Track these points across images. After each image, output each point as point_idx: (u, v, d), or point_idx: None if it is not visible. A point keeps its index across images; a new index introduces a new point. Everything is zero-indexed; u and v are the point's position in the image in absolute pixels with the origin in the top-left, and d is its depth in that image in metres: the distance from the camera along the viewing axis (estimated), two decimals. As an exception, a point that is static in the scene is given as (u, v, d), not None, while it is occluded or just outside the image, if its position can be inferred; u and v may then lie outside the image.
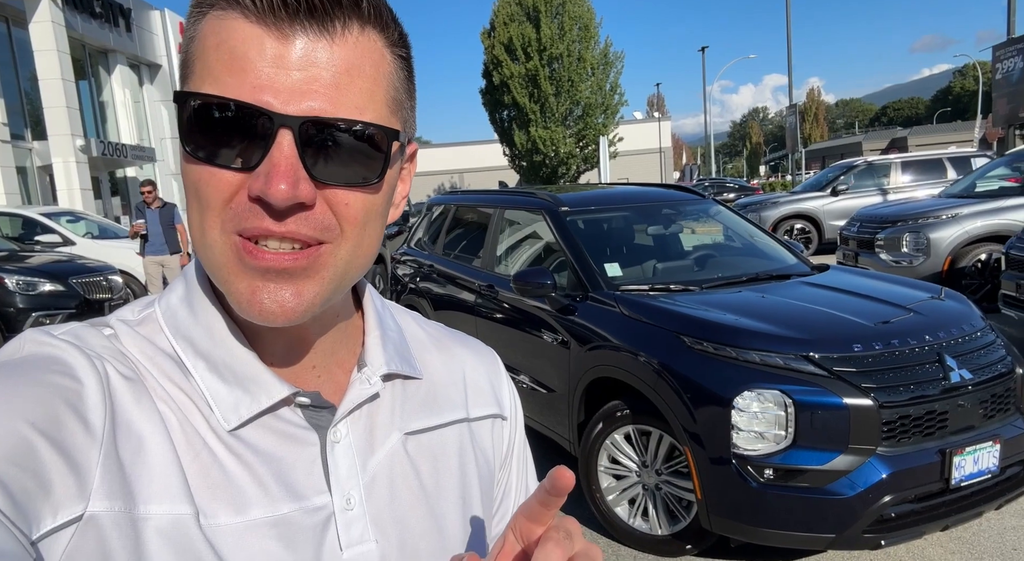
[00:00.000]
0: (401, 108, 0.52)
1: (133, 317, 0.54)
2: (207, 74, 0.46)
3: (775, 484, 2.51)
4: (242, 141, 0.46)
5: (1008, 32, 13.57)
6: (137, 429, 0.47)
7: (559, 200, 4.07)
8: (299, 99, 0.45)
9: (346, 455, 0.54)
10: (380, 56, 0.49)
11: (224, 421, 0.50)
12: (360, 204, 0.49)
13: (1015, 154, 8.18)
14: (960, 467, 2.53)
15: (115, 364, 0.49)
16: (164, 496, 0.46)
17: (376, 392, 0.57)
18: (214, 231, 0.47)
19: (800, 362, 2.59)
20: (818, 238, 11.74)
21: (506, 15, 28.94)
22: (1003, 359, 2.79)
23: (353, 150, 0.48)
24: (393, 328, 0.63)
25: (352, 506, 0.53)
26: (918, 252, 7.01)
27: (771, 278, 3.57)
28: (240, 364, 0.52)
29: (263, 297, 0.47)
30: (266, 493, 0.50)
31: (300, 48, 0.45)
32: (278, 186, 0.44)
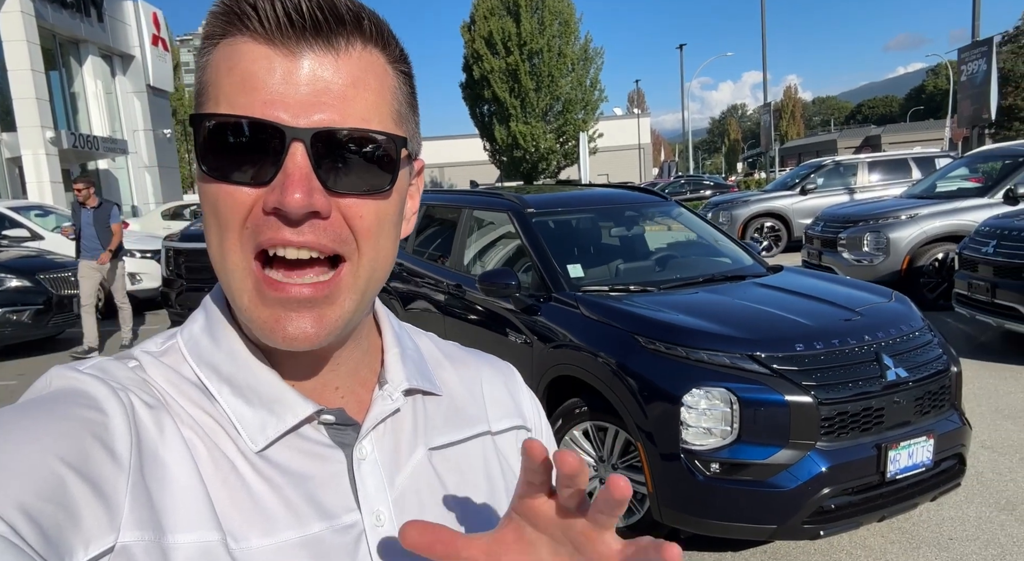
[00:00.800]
0: (405, 121, 0.54)
1: (156, 349, 0.56)
2: (220, 96, 0.48)
3: (721, 477, 2.63)
4: (256, 157, 0.47)
5: (973, 35, 13.91)
6: (163, 458, 0.47)
7: (525, 201, 4.15)
8: (309, 112, 0.47)
9: (373, 472, 0.55)
10: (383, 71, 0.51)
11: (251, 443, 0.51)
12: (373, 215, 0.50)
13: (974, 155, 8.42)
14: (895, 461, 2.67)
15: (140, 394, 0.50)
16: (191, 524, 0.46)
17: (398, 407, 0.58)
18: (234, 254, 0.48)
19: (745, 361, 2.71)
20: (787, 236, 11.97)
21: (486, 9, 28.91)
22: (939, 358, 2.93)
23: (364, 159, 0.49)
24: (411, 346, 0.64)
25: (382, 522, 0.54)
26: (878, 251, 7.22)
27: (726, 279, 3.69)
28: (264, 386, 0.53)
29: (286, 325, 0.48)
30: (295, 514, 0.51)
31: (307, 64, 0.47)
32: (293, 195, 0.45)
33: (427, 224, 5.21)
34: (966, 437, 2.93)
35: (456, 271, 4.42)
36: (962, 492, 3.36)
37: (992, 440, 3.96)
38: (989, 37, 13.50)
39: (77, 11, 18.29)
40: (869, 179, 11.87)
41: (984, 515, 3.17)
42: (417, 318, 4.73)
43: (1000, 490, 3.39)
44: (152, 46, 21.02)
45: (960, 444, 2.89)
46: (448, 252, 4.60)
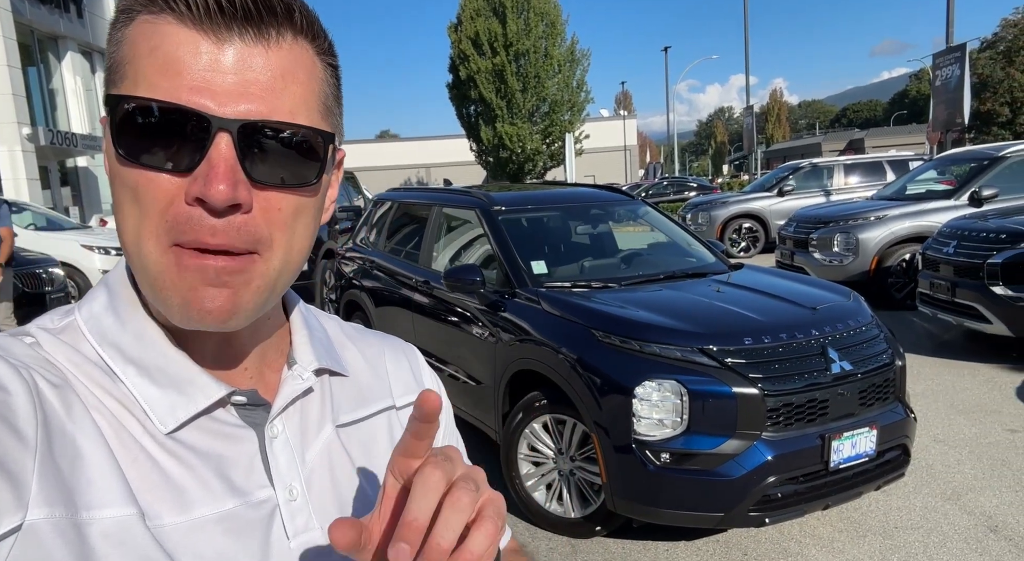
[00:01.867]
0: (331, 115, 0.54)
1: (53, 325, 0.54)
2: (140, 78, 0.46)
3: (670, 467, 2.70)
4: (179, 144, 0.46)
5: (947, 41, 14.16)
6: (72, 436, 0.46)
7: (492, 199, 4.21)
8: (236, 101, 0.46)
9: (284, 449, 0.56)
10: (312, 64, 0.51)
11: (161, 424, 0.51)
12: (292, 207, 0.50)
13: (942, 158, 8.59)
14: (838, 451, 2.75)
15: (42, 372, 0.48)
16: (107, 500, 0.46)
17: (310, 386, 0.59)
18: (150, 242, 0.47)
19: (696, 354, 2.79)
20: (765, 237, 12.12)
21: (473, 10, 28.94)
22: (884, 352, 3.02)
23: (290, 153, 0.49)
24: (318, 329, 0.66)
25: (295, 497, 0.55)
26: (848, 252, 7.35)
27: (687, 276, 3.77)
28: (174, 367, 0.53)
29: (202, 298, 0.48)
30: (209, 491, 0.51)
31: (236, 53, 0.46)
32: (217, 187, 0.45)
33: (398, 222, 5.26)
34: (910, 428, 3.02)
35: (425, 267, 4.47)
36: (911, 483, 3.46)
37: (944, 434, 4.07)
38: (962, 43, 13.74)
39: (56, 7, 18.12)
40: (845, 181, 12.06)
41: (930, 505, 3.27)
42: (386, 314, 4.77)
43: (947, 481, 3.49)
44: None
45: (904, 435, 2.98)
46: (418, 249, 4.65)
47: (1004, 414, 4.32)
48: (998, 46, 45.59)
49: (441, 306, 4.14)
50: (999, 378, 4.99)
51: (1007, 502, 3.25)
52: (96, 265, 9.14)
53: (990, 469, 3.59)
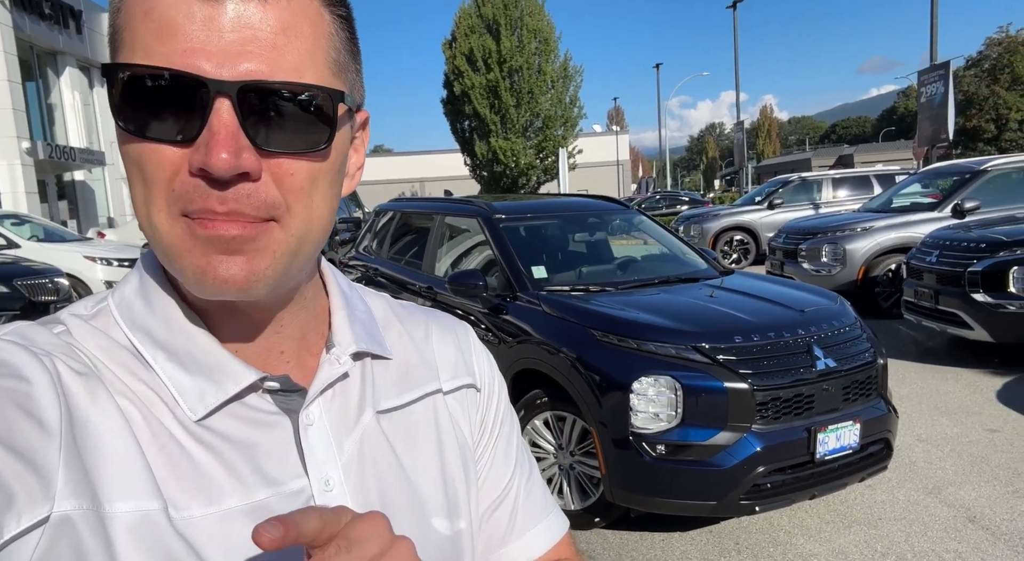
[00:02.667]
0: (345, 70, 0.50)
1: (86, 311, 0.53)
2: (136, 44, 0.44)
3: (666, 458, 2.85)
4: (179, 111, 0.44)
5: (931, 59, 14.53)
6: (95, 425, 0.45)
7: (494, 208, 4.38)
8: (234, 62, 0.43)
9: (320, 437, 0.54)
10: (318, 15, 0.47)
11: (190, 412, 0.49)
12: (306, 173, 0.47)
13: (926, 172, 8.85)
14: (824, 443, 2.91)
15: (66, 360, 0.47)
16: (129, 492, 0.44)
17: (346, 372, 0.57)
18: (160, 213, 0.46)
19: (690, 352, 2.95)
20: (755, 249, 12.34)
21: (467, 26, 29.35)
22: (866, 351, 3.20)
23: (297, 115, 0.45)
24: (361, 308, 0.62)
25: (332, 487, 0.53)
26: (836, 262, 7.56)
27: (680, 281, 3.94)
28: (202, 352, 0.51)
29: (217, 265, 0.46)
30: (240, 481, 0.49)
31: (231, 9, 0.43)
32: (219, 155, 0.42)
33: (401, 230, 5.43)
34: (892, 424, 3.19)
35: (428, 274, 4.63)
36: (895, 478, 3.63)
37: (928, 434, 4.24)
38: (946, 61, 14.11)
39: (55, 23, 18.34)
40: (833, 194, 12.33)
41: (912, 498, 3.43)
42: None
43: (929, 476, 3.66)
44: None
45: (886, 430, 3.15)
46: (421, 257, 4.81)
47: (984, 415, 4.50)
48: (983, 64, 46.46)
49: (444, 310, 4.29)
50: (980, 382, 5.18)
51: (985, 495, 3.42)
52: (99, 276, 9.26)
53: (970, 465, 3.76)
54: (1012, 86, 44.87)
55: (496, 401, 0.70)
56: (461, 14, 29.96)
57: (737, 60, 27.45)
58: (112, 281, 9.15)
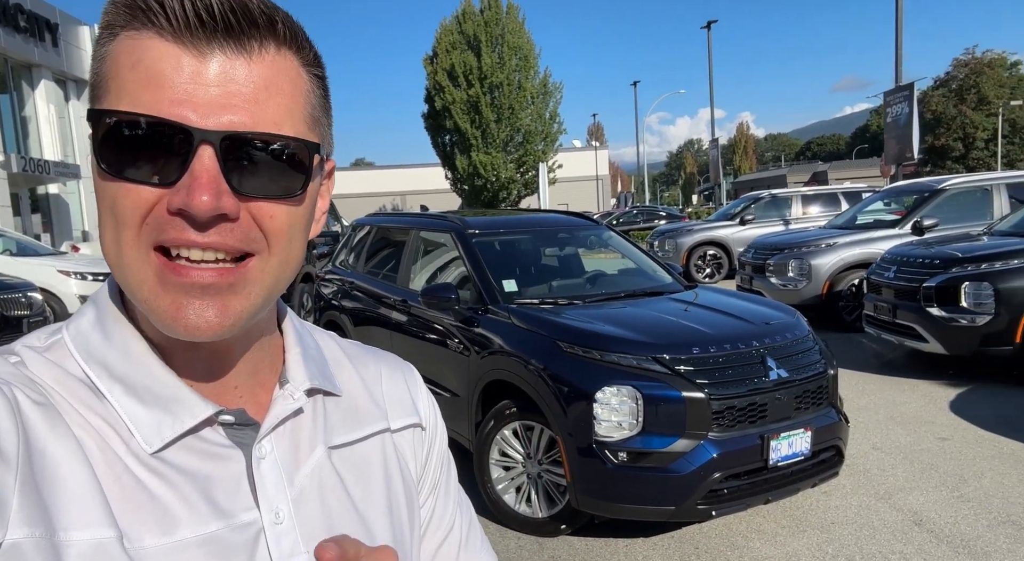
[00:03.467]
0: (319, 125, 0.53)
1: (40, 344, 0.53)
2: (123, 93, 0.46)
3: (627, 465, 2.98)
4: (161, 157, 0.46)
5: (896, 80, 15.04)
6: (52, 455, 0.46)
7: (467, 223, 4.52)
8: (218, 113, 0.46)
9: (272, 470, 0.55)
10: (297, 74, 0.50)
11: (146, 444, 0.50)
12: (284, 217, 0.50)
13: (888, 190, 9.17)
14: (776, 449, 3.06)
15: (25, 390, 0.48)
16: (85, 521, 0.45)
17: (300, 407, 0.58)
18: (130, 249, 0.47)
19: (650, 362, 3.09)
20: (728, 263, 12.61)
21: (448, 43, 29.66)
22: (818, 362, 3.36)
23: (275, 164, 0.48)
24: (313, 346, 0.64)
25: (281, 520, 0.54)
26: (802, 277, 7.80)
27: (646, 294, 4.10)
28: (160, 385, 0.52)
29: (188, 313, 0.47)
30: (193, 512, 0.50)
31: (218, 65, 0.46)
32: (200, 198, 0.44)
33: (377, 245, 5.53)
34: (842, 431, 3.35)
35: (402, 287, 4.74)
36: (848, 485, 3.79)
37: (882, 443, 4.42)
38: (910, 82, 14.62)
39: (31, 35, 18.24)
40: (803, 211, 12.66)
41: (864, 504, 3.59)
42: (365, 333, 5.01)
43: (881, 483, 3.83)
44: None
45: (837, 437, 3.31)
46: (397, 270, 4.92)
47: (937, 424, 4.70)
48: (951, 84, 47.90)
49: (418, 323, 4.40)
50: (935, 393, 5.39)
51: (932, 500, 3.59)
52: (73, 290, 9.20)
53: (920, 472, 3.94)
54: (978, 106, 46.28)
55: (439, 441, 0.72)
56: (443, 30, 30.28)
57: (712, 79, 28.04)
58: (86, 295, 9.10)
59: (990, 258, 5.47)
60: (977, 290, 5.33)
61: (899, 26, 15.01)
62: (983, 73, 46.47)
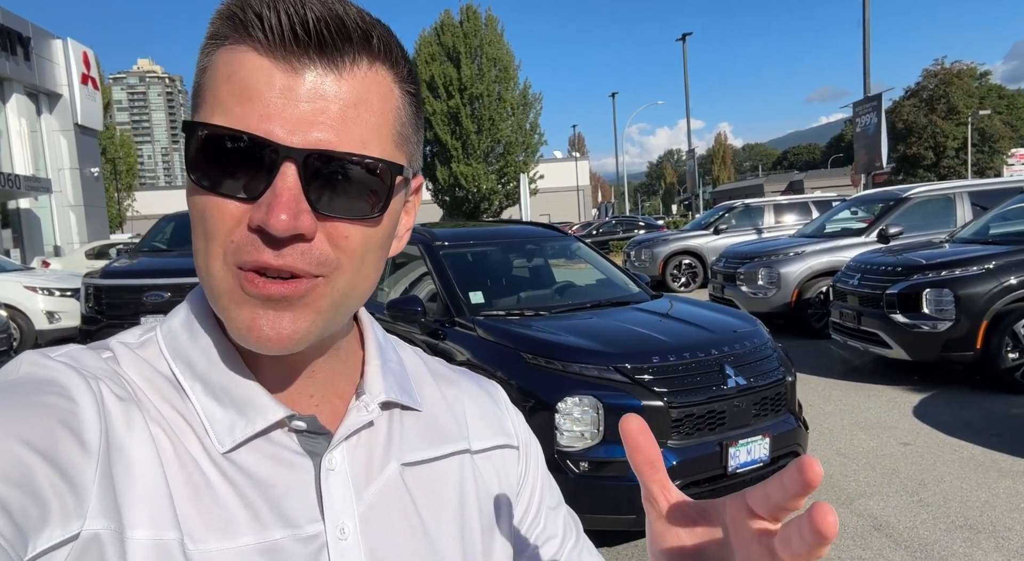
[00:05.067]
0: (407, 143, 0.53)
1: (134, 340, 0.55)
2: (216, 104, 0.47)
3: (589, 474, 3.01)
4: (247, 171, 0.46)
5: (865, 91, 15.36)
6: (128, 451, 0.47)
7: (435, 235, 4.54)
8: (305, 130, 0.46)
9: (341, 483, 0.54)
10: (388, 91, 0.50)
11: (218, 443, 0.51)
12: (360, 237, 0.50)
13: (856, 198, 9.35)
14: (735, 456, 3.11)
15: (110, 385, 0.49)
16: (150, 520, 0.46)
17: (372, 420, 0.57)
18: (217, 261, 0.48)
19: (611, 372, 3.13)
20: (703, 272, 12.75)
21: (428, 54, 29.80)
22: (776, 369, 3.43)
23: (356, 184, 0.48)
24: (394, 359, 0.63)
25: (346, 536, 0.53)
26: (771, 285, 7.91)
27: (611, 304, 4.15)
28: (237, 386, 0.52)
29: (262, 324, 0.48)
30: (257, 519, 0.50)
31: (309, 81, 0.46)
32: (279, 216, 0.45)
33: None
34: (801, 437, 3.41)
35: (373, 300, 4.75)
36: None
37: (846, 448, 4.50)
38: (878, 93, 14.94)
39: (2, 49, 18.03)
40: (776, 220, 12.86)
41: (825, 507, 3.64)
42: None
43: (844, 488, 3.89)
44: (81, 85, 20.82)
45: (796, 443, 3.37)
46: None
47: (900, 430, 4.79)
48: (921, 94, 48.94)
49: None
50: (900, 398, 5.49)
51: (892, 505, 3.66)
52: (40, 306, 9.06)
53: (881, 477, 4.01)
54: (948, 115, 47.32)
55: (535, 459, 0.70)
56: (421, 42, 30.41)
57: (687, 90, 28.42)
58: (54, 311, 8.97)
59: (951, 265, 5.60)
60: (938, 296, 5.46)
61: (866, 38, 15.36)
62: (952, 83, 47.56)
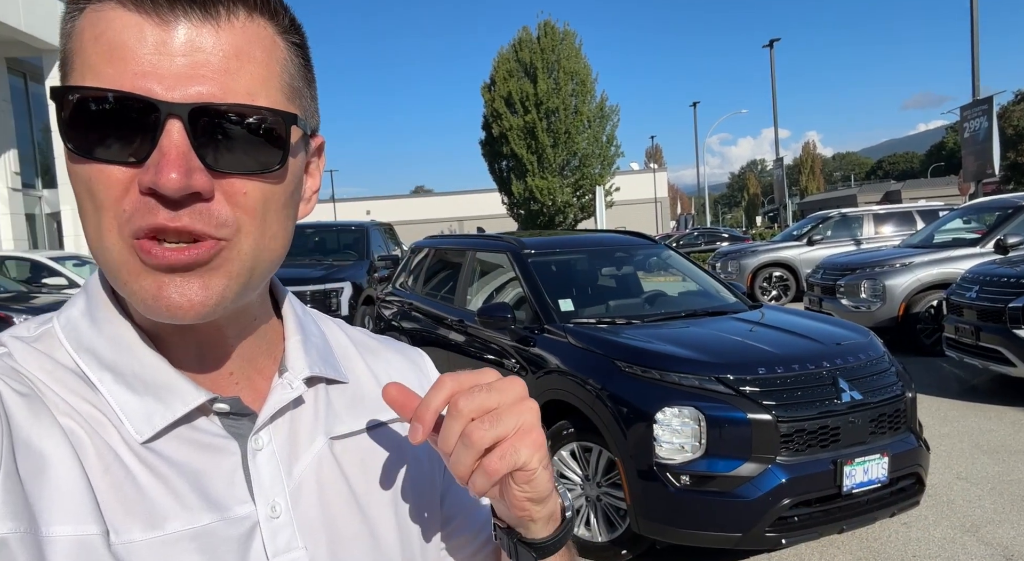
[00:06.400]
0: (299, 96, 0.50)
1: (28, 334, 0.52)
2: (86, 68, 0.44)
3: (690, 489, 2.88)
4: (129, 133, 0.44)
5: (973, 94, 14.36)
6: (37, 447, 0.44)
7: (523, 243, 4.52)
8: (186, 84, 0.43)
9: (269, 462, 0.53)
10: (271, 42, 0.48)
11: (136, 433, 0.48)
12: (259, 194, 0.47)
13: (968, 207, 8.70)
14: (851, 476, 2.90)
15: (7, 381, 0.46)
16: (69, 516, 0.44)
17: (299, 396, 0.56)
18: (111, 234, 0.45)
19: (713, 383, 2.99)
20: (796, 285, 12.18)
21: (505, 71, 30.20)
22: (894, 384, 3.18)
23: (249, 137, 0.46)
24: (316, 333, 0.62)
25: (278, 514, 0.52)
26: (875, 298, 7.44)
27: (707, 314, 3.99)
28: (151, 372, 0.50)
29: (170, 292, 0.45)
30: (184, 505, 0.48)
31: (183, 33, 0.44)
32: (169, 175, 0.42)
33: (435, 267, 5.61)
34: (923, 458, 3.15)
35: (460, 308, 4.77)
36: (931, 516, 3.54)
37: (968, 472, 4.13)
38: (989, 96, 13.93)
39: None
40: (875, 231, 12.14)
41: (949, 536, 3.35)
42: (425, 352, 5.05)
43: (967, 514, 3.56)
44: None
45: (916, 464, 3.11)
46: (454, 291, 4.96)
47: (1030, 454, 4.36)
48: (1032, 98, 45.37)
49: (475, 343, 4.41)
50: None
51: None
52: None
53: (1010, 504, 3.65)
54: (1064, 119, 43.62)
55: None
56: (500, 59, 30.86)
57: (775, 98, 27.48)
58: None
59: (1085, 276, 5.09)
60: (1071, 310, 4.96)
61: (975, 38, 14.38)
62: (1069, 84, 43.85)
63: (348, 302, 8.21)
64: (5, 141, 15.93)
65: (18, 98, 17.01)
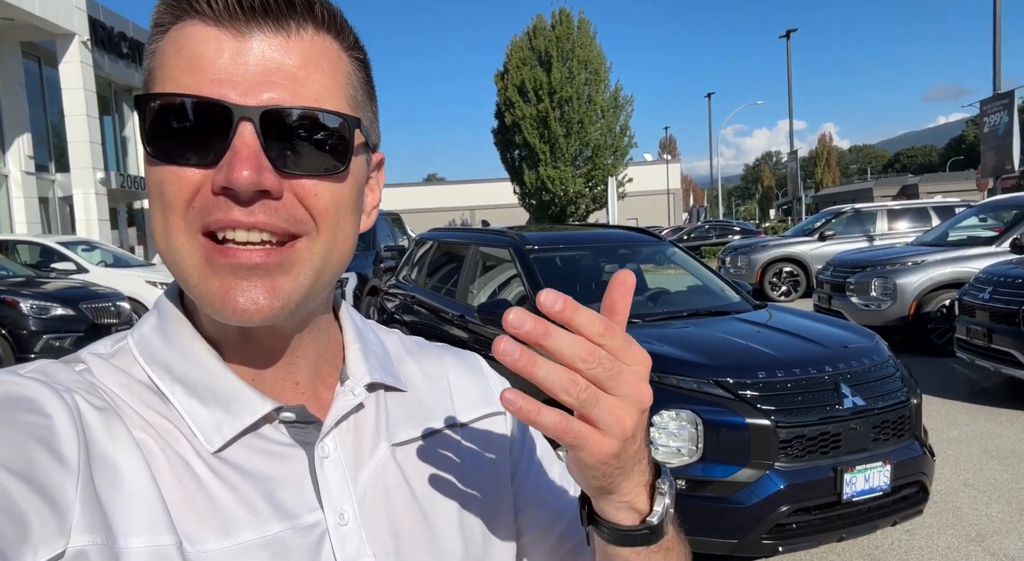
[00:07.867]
0: (362, 109, 0.53)
1: (105, 350, 0.54)
2: (167, 79, 0.47)
3: (686, 494, 2.82)
4: (204, 137, 0.46)
5: (994, 88, 14.06)
6: (113, 460, 0.46)
7: (525, 238, 4.46)
8: (258, 90, 0.46)
9: (336, 470, 0.54)
10: (337, 56, 0.51)
11: (207, 443, 0.50)
12: (329, 195, 0.49)
13: (984, 205, 8.53)
14: (851, 483, 2.83)
15: (86, 396, 0.48)
16: (143, 527, 0.45)
17: (360, 402, 0.57)
18: (179, 234, 0.47)
19: (711, 386, 2.93)
20: (806, 281, 12.03)
21: (519, 59, 29.97)
22: (899, 390, 3.10)
23: (316, 139, 0.48)
24: (374, 342, 0.63)
25: (346, 521, 0.53)
26: (885, 296, 7.31)
27: (710, 314, 3.92)
28: (219, 383, 0.52)
29: (237, 295, 0.47)
30: (255, 514, 0.49)
31: (257, 45, 0.47)
32: (241, 172, 0.44)
33: (438, 260, 5.56)
34: (927, 466, 3.07)
35: (461, 302, 4.72)
36: (935, 524, 3.47)
37: (975, 479, 4.04)
38: (1010, 90, 13.63)
39: (132, 61, 19.62)
40: (889, 227, 11.94)
41: (953, 545, 3.27)
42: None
43: (973, 523, 3.48)
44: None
45: (921, 472, 3.03)
46: (456, 286, 4.91)
47: (1040, 461, 4.26)
48: (1056, 91, 44.56)
49: (476, 339, 4.36)
50: (1039, 425, 4.91)
51: (1034, 546, 3.24)
52: (158, 299, 9.72)
53: (1018, 513, 3.57)
54: (1089, 113, 42.84)
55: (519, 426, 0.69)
56: (513, 47, 30.63)
57: (791, 89, 27.12)
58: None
59: (1102, 278, 4.95)
60: (1087, 314, 4.83)
61: (997, 30, 14.06)
62: (1095, 78, 42.94)
63: (353, 292, 8.19)
64: (19, 125, 16.01)
65: (32, 82, 17.07)
